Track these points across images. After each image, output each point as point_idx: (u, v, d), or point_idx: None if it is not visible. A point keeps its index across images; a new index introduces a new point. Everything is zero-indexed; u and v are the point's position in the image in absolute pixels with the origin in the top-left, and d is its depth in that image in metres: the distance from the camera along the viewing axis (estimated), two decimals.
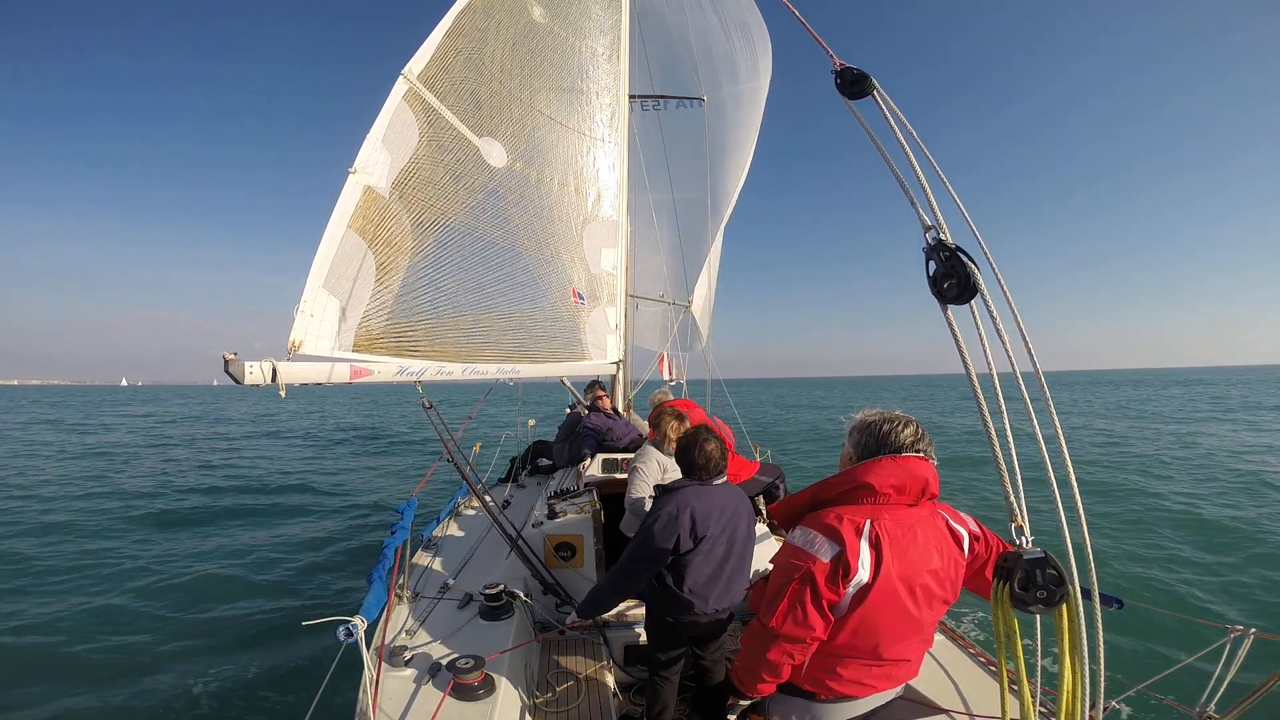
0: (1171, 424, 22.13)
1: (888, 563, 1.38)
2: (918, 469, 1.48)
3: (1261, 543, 7.47)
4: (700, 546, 2.28)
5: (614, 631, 2.97)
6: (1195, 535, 7.97)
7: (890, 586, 1.39)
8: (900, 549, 1.40)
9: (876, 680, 1.51)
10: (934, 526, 1.49)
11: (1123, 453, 15.27)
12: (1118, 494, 10.42)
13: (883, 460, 1.48)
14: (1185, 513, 9.04)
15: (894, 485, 1.45)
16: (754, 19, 7.78)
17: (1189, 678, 2.20)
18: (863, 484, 1.46)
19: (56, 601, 5.68)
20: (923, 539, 1.44)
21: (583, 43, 4.47)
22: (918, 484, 1.47)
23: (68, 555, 7.15)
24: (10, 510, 9.42)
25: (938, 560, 1.46)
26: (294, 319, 2.43)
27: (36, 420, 31.14)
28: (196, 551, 7.41)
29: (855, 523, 1.41)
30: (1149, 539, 7.88)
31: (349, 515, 9.56)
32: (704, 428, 2.45)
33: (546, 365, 3.83)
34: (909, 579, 1.41)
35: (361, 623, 1.82)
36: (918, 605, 1.44)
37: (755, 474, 4.31)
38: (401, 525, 2.80)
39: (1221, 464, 13.12)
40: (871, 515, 1.42)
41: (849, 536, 1.38)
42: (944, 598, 1.50)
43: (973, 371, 1.32)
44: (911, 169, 1.45)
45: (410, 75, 2.98)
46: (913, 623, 1.46)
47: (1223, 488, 10.72)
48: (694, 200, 8.09)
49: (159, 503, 10.26)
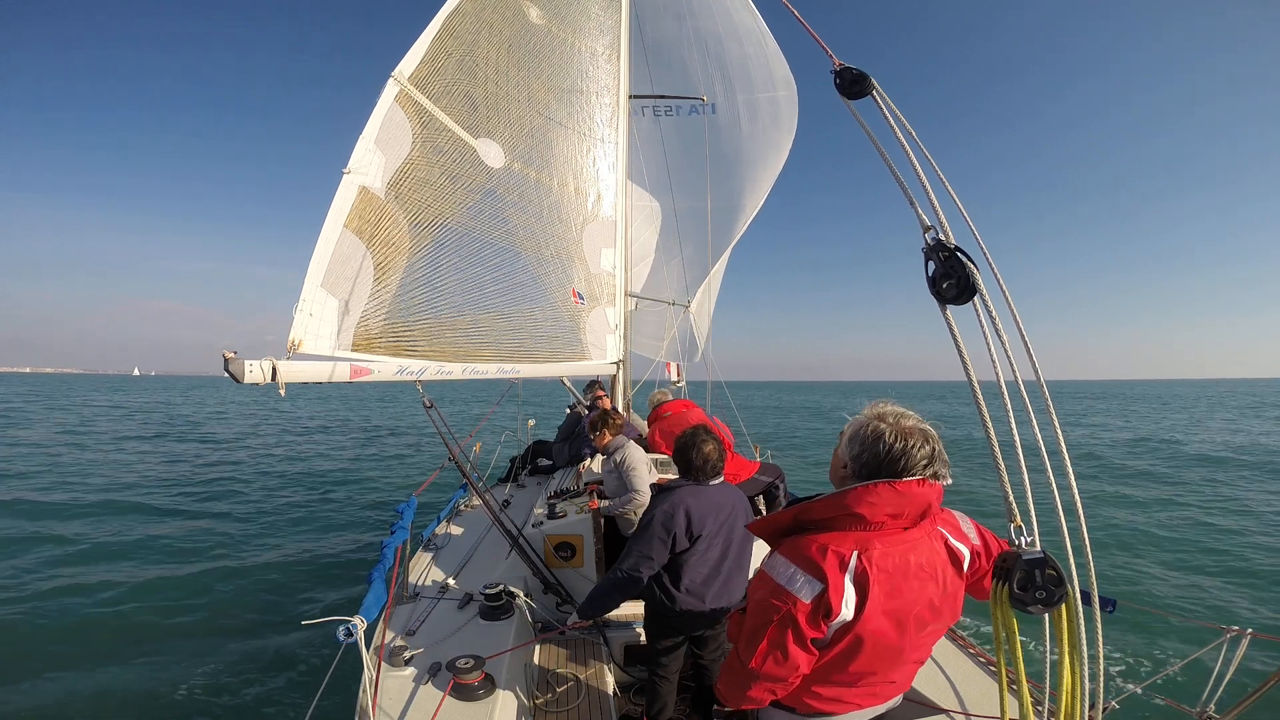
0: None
1: (874, 600, 1.25)
2: (920, 495, 1.30)
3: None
4: (696, 546, 2.28)
5: (614, 631, 2.98)
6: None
7: (875, 625, 1.27)
8: (890, 584, 1.26)
9: (858, 698, 1.43)
10: (930, 550, 1.33)
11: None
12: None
13: (879, 488, 1.28)
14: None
15: (889, 513, 1.29)
16: (760, 27, 7.72)
17: (1188, 678, 2.20)
18: (852, 514, 1.30)
19: (55, 601, 5.67)
20: (916, 568, 1.30)
21: (581, 43, 4.47)
22: (918, 509, 1.31)
23: (65, 553, 7.15)
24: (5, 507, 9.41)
25: (933, 589, 1.32)
26: (293, 318, 2.44)
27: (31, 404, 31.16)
28: (195, 551, 7.40)
29: (840, 554, 1.26)
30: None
31: (349, 515, 9.56)
32: (702, 428, 2.45)
33: (546, 365, 3.83)
34: (898, 614, 1.28)
35: (361, 623, 1.83)
36: (905, 638, 1.32)
37: (755, 474, 4.32)
38: (401, 525, 2.80)
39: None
40: (859, 545, 1.27)
41: (832, 573, 1.24)
42: (939, 625, 1.37)
43: (972, 372, 1.32)
44: (911, 169, 1.45)
45: (401, 77, 2.98)
46: (898, 653, 1.35)
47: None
48: (698, 207, 8.06)
49: (158, 501, 10.26)
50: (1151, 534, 8.29)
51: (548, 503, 3.75)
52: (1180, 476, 12.39)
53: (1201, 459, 15.01)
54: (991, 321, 1.29)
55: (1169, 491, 10.98)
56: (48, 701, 4.01)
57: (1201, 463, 14.26)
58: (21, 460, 14.38)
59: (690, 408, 4.88)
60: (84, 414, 30.13)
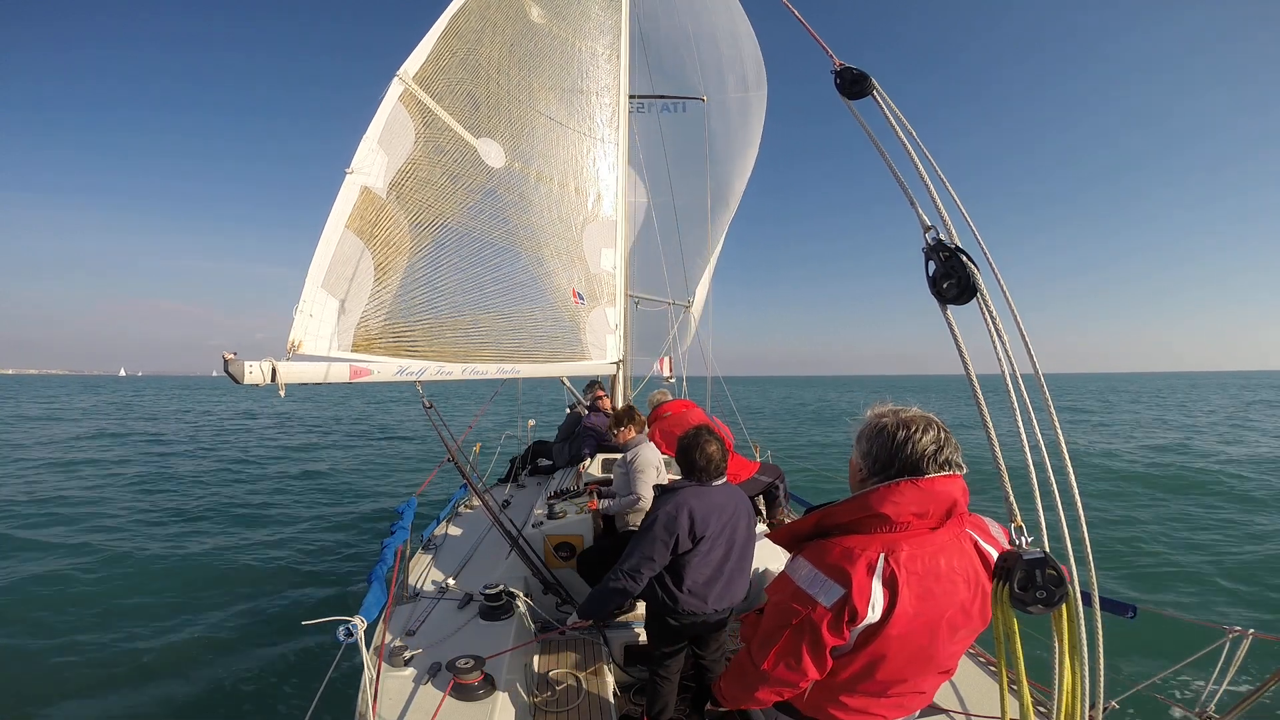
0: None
1: (904, 602, 1.21)
2: (944, 490, 1.27)
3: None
4: (699, 547, 2.28)
5: (614, 631, 2.98)
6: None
7: (904, 628, 1.24)
8: (920, 586, 1.23)
9: (886, 710, 1.38)
10: (960, 552, 1.30)
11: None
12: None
13: (901, 486, 1.26)
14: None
15: (915, 513, 1.26)
16: (745, 30, 7.87)
17: (1188, 678, 2.20)
18: (877, 514, 1.27)
19: (52, 599, 5.67)
20: (947, 570, 1.26)
21: (582, 43, 4.47)
22: (943, 506, 1.28)
23: (61, 550, 7.14)
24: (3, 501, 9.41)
25: (964, 591, 1.28)
26: (293, 318, 2.43)
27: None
28: (194, 550, 7.41)
29: (868, 559, 1.22)
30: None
31: (349, 515, 9.56)
32: (705, 428, 2.45)
33: (546, 365, 3.83)
34: (928, 617, 1.25)
35: (361, 623, 1.82)
36: (936, 642, 1.28)
37: (755, 474, 4.32)
38: (401, 525, 2.80)
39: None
40: (886, 547, 1.24)
41: (858, 576, 1.21)
42: (970, 630, 1.33)
43: (972, 371, 1.32)
44: (912, 169, 1.45)
45: (405, 76, 2.97)
46: (929, 659, 1.31)
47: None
48: (693, 202, 8.09)
49: (155, 499, 10.26)
50: (1152, 533, 8.29)
51: (548, 503, 3.75)
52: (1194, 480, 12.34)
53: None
54: (992, 321, 1.29)
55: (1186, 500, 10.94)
56: (45, 702, 4.00)
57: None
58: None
59: (690, 408, 4.88)
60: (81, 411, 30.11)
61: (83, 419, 27.00)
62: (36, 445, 17.45)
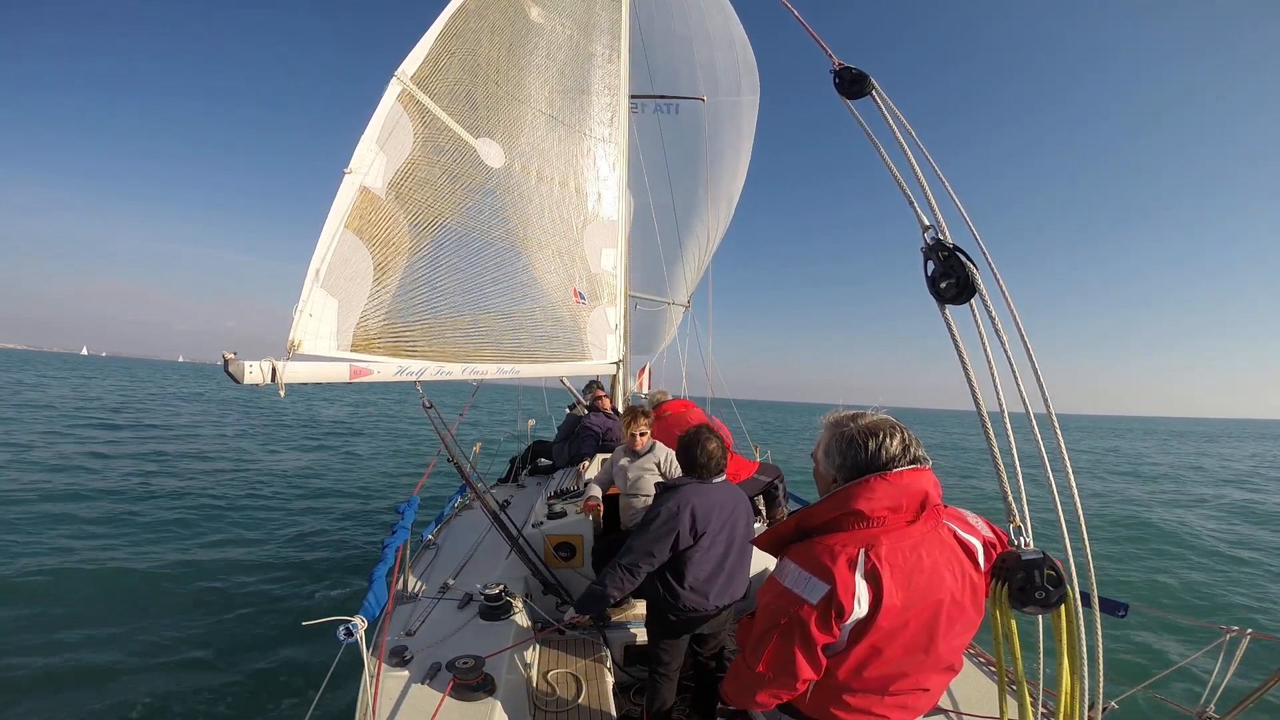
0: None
1: (889, 594, 1.24)
2: (913, 483, 1.31)
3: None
4: (700, 543, 2.29)
5: (614, 631, 2.98)
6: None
7: (894, 620, 1.26)
8: (903, 577, 1.26)
9: (889, 710, 1.39)
10: (939, 542, 1.33)
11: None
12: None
13: (871, 482, 1.30)
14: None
15: (889, 507, 1.29)
16: (739, 35, 7.92)
17: (1188, 678, 2.20)
18: (852, 511, 1.30)
19: (52, 599, 5.67)
20: (929, 561, 1.29)
21: (582, 43, 4.47)
22: (915, 499, 1.31)
23: (58, 549, 7.14)
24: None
25: (950, 581, 1.30)
26: (293, 319, 2.43)
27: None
28: (194, 550, 7.40)
29: (849, 555, 1.26)
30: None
31: (349, 515, 9.56)
32: (705, 427, 2.48)
33: (546, 365, 3.83)
34: (916, 608, 1.27)
35: (361, 623, 1.82)
36: (930, 635, 1.30)
37: (754, 474, 4.32)
38: (401, 525, 2.80)
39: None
40: (866, 543, 1.27)
41: (841, 572, 1.24)
42: (965, 621, 1.34)
43: (971, 372, 1.32)
44: (910, 169, 1.45)
45: (404, 77, 2.97)
46: (926, 653, 1.32)
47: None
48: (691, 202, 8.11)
49: (155, 499, 10.25)
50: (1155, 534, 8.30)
51: (547, 503, 3.75)
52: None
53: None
54: (991, 321, 1.29)
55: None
56: (44, 702, 4.01)
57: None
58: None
59: (690, 407, 4.88)
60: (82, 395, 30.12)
61: (73, 409, 27.03)
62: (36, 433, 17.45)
